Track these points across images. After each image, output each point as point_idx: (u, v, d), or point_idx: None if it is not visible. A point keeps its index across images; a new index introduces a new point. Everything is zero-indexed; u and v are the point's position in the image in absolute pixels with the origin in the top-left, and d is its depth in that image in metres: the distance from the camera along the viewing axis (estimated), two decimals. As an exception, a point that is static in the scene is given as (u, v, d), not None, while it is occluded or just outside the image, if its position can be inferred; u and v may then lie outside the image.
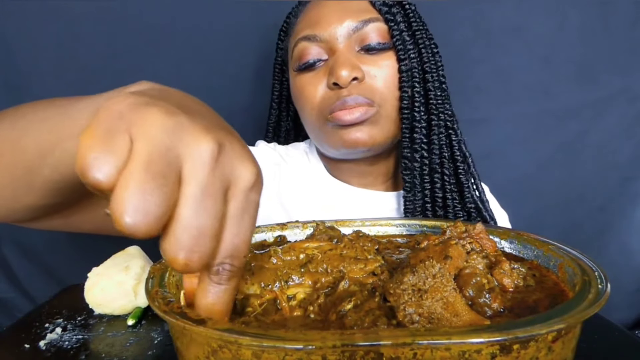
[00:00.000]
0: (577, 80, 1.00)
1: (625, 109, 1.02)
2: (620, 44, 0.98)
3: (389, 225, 0.53)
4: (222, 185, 0.25)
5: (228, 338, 0.25)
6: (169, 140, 0.24)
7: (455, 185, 0.68)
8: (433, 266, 0.32)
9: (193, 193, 0.24)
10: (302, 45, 0.66)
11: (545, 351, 0.26)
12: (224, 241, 0.26)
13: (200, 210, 0.24)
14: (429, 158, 0.67)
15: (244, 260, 0.27)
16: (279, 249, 0.42)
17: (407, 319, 0.30)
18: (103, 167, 0.22)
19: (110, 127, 0.23)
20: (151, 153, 0.23)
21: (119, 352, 0.40)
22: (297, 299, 0.37)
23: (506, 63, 0.98)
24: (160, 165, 0.23)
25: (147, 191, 0.22)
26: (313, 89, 0.66)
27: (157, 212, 0.23)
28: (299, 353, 0.24)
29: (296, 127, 0.82)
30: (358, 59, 0.64)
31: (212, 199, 0.25)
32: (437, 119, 0.67)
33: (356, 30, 0.64)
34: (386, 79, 0.64)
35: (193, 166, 0.24)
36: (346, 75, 0.61)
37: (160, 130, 0.24)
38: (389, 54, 0.65)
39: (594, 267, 0.34)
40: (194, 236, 0.24)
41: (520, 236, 0.45)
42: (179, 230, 0.24)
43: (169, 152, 0.24)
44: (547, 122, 1.01)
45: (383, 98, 0.64)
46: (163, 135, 0.24)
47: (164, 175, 0.23)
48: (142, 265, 0.51)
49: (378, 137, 0.65)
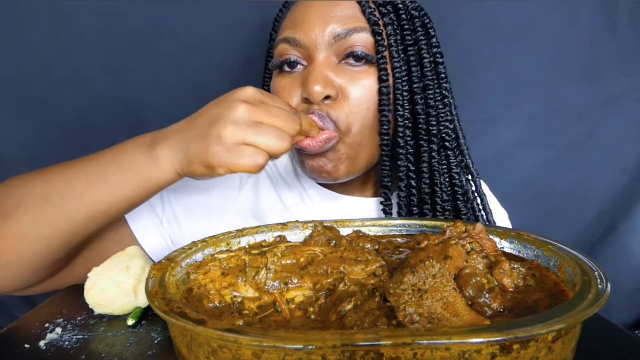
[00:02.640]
0: (584, 81, 0.99)
1: (633, 109, 1.01)
2: (627, 43, 0.98)
3: (389, 225, 0.53)
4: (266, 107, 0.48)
5: (228, 338, 0.25)
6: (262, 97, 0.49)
7: (451, 212, 0.63)
8: (433, 266, 0.32)
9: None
10: (281, 47, 0.62)
11: (545, 351, 0.26)
12: None
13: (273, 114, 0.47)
14: (418, 188, 0.62)
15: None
16: (278, 253, 0.42)
17: (407, 319, 0.30)
18: (257, 162, 0.46)
19: (236, 145, 0.45)
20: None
21: (119, 352, 0.40)
22: (296, 302, 0.37)
23: (513, 63, 0.98)
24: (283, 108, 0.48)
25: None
26: (287, 98, 0.61)
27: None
28: (299, 353, 0.24)
29: None
30: (336, 71, 0.58)
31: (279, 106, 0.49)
32: (428, 143, 0.61)
33: (338, 38, 0.58)
34: (363, 99, 0.58)
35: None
36: (318, 92, 0.56)
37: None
38: (371, 70, 0.59)
39: (594, 267, 0.34)
40: None
41: (520, 236, 0.45)
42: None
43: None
44: (554, 122, 1.01)
45: (350, 123, 0.58)
46: None
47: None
48: (142, 265, 0.51)
49: (343, 168, 0.60)
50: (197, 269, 0.41)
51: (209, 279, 0.39)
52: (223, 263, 0.41)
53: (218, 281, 0.39)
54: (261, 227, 0.50)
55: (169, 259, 0.41)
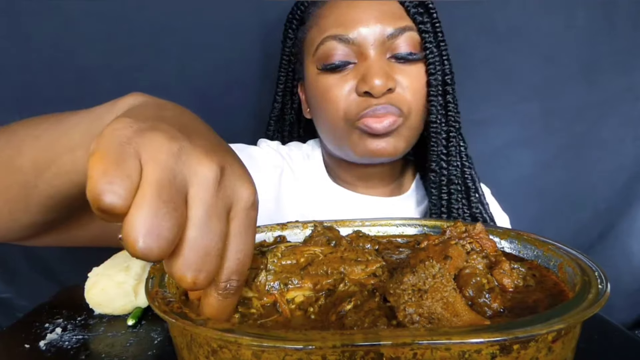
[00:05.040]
0: (581, 81, 0.99)
1: (629, 109, 1.01)
2: (624, 43, 0.98)
3: (388, 225, 0.53)
4: (224, 205, 0.27)
5: (228, 338, 0.25)
6: (176, 166, 0.25)
7: (464, 192, 0.70)
8: (433, 266, 0.32)
9: (199, 215, 0.25)
10: (330, 45, 0.63)
11: (545, 351, 0.26)
12: (229, 259, 0.27)
13: (206, 231, 0.25)
14: (447, 169, 0.68)
15: (246, 273, 0.29)
16: (278, 253, 0.42)
17: (407, 319, 0.30)
18: (118, 191, 0.23)
19: (121, 151, 0.24)
20: (161, 179, 0.24)
21: (119, 352, 0.40)
22: (296, 302, 0.37)
23: (510, 63, 0.98)
24: (170, 190, 0.24)
25: (160, 216, 0.23)
26: (339, 93, 0.64)
27: (169, 236, 0.23)
28: (299, 353, 0.24)
29: (299, 121, 0.81)
30: (389, 67, 0.63)
31: (216, 220, 0.26)
32: (455, 129, 0.68)
33: (390, 37, 0.62)
34: (415, 90, 0.64)
35: (198, 190, 0.25)
36: (380, 85, 0.60)
37: (167, 155, 0.25)
38: (418, 65, 0.65)
39: (594, 267, 0.34)
40: (200, 256, 0.25)
41: (520, 236, 0.45)
42: (187, 251, 0.25)
43: (176, 177, 0.25)
44: (551, 122, 1.01)
45: (411, 109, 0.64)
46: (170, 160, 0.25)
47: (173, 200, 0.24)
48: (142, 265, 0.51)
49: (401, 148, 0.66)
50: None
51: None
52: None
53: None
54: (261, 227, 0.50)
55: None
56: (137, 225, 0.23)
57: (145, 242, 0.23)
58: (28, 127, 0.43)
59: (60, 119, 0.41)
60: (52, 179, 0.40)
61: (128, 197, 0.23)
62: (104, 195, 0.22)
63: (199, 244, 0.25)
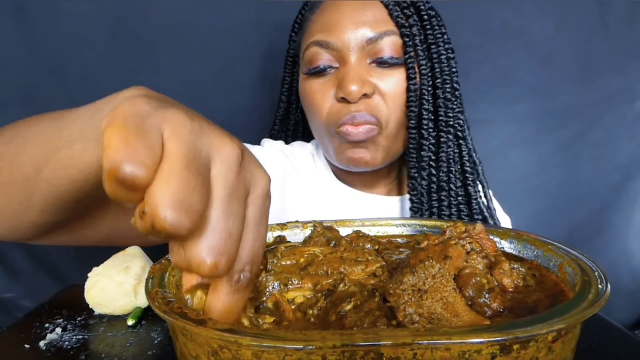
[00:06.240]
0: (577, 81, 1.00)
1: (625, 109, 1.02)
2: (619, 44, 0.98)
3: (388, 225, 0.53)
4: (244, 189, 0.26)
5: (228, 338, 0.25)
6: (199, 142, 0.24)
7: (463, 197, 0.68)
8: (433, 266, 0.32)
9: (222, 195, 0.24)
10: (313, 50, 0.64)
11: (545, 351, 0.26)
12: (244, 248, 0.26)
13: (228, 212, 0.24)
14: (437, 175, 0.66)
15: (259, 264, 0.27)
16: (278, 253, 0.42)
17: (407, 319, 0.30)
18: (142, 159, 0.21)
19: (142, 123, 0.22)
20: (188, 152, 0.23)
21: (119, 352, 0.40)
22: (296, 302, 0.37)
23: (506, 63, 0.98)
24: (196, 163, 0.23)
25: (191, 187, 0.22)
26: (321, 99, 0.64)
27: (199, 209, 0.22)
28: (299, 353, 0.24)
29: (304, 120, 0.80)
30: (368, 71, 0.62)
31: (238, 202, 0.25)
32: (446, 134, 0.66)
33: (370, 41, 0.62)
34: (394, 96, 0.63)
35: (221, 168, 0.24)
36: (355, 91, 0.60)
37: (190, 132, 0.24)
38: (399, 70, 0.64)
39: (593, 267, 0.34)
40: (223, 238, 0.24)
41: (520, 236, 0.45)
42: (209, 232, 0.23)
43: (200, 152, 0.24)
44: (547, 122, 1.01)
45: (388, 117, 0.63)
46: (193, 136, 0.24)
47: (200, 173, 0.23)
48: (142, 265, 0.51)
49: (379, 157, 0.65)
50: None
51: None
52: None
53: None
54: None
55: (169, 259, 0.41)
56: (166, 197, 0.21)
57: (176, 214, 0.21)
58: (30, 124, 0.42)
59: (61, 114, 0.40)
60: (51, 177, 0.39)
61: (152, 167, 0.21)
62: (125, 163, 0.21)
63: (221, 226, 0.23)
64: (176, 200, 0.21)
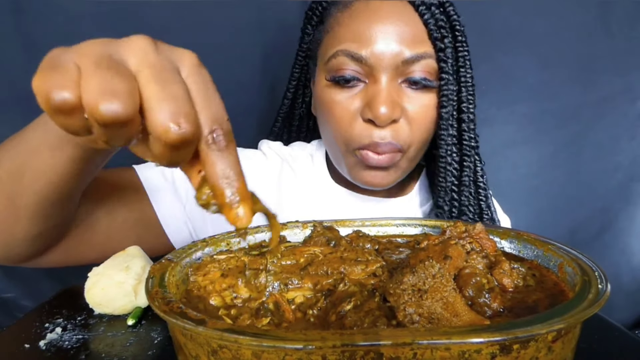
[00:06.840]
0: (577, 81, 1.00)
1: (626, 110, 1.02)
2: (620, 44, 0.98)
3: (388, 225, 0.53)
4: (171, 63, 0.27)
5: (228, 338, 0.25)
6: (108, 49, 0.26)
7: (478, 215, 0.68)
8: (433, 266, 0.32)
9: (150, 73, 0.26)
10: (341, 60, 0.59)
11: (545, 351, 0.26)
12: (202, 112, 0.27)
13: (163, 81, 0.26)
14: (459, 200, 0.65)
15: (228, 122, 0.29)
16: (278, 254, 0.42)
17: (407, 319, 0.30)
18: (60, 82, 0.24)
19: (55, 59, 0.26)
20: (95, 55, 0.25)
21: (119, 352, 0.40)
22: (296, 302, 0.37)
23: (506, 64, 0.98)
24: (108, 61, 0.25)
25: (107, 77, 0.24)
26: (343, 112, 0.60)
27: (125, 89, 0.24)
28: (299, 353, 0.24)
29: (308, 116, 0.78)
30: (398, 93, 0.59)
31: (169, 72, 0.27)
32: (469, 160, 0.64)
33: (406, 62, 0.58)
34: (421, 123, 0.61)
35: (137, 55, 0.27)
36: (385, 114, 0.56)
37: (97, 45, 0.27)
38: (430, 94, 0.60)
39: (594, 267, 0.34)
40: (170, 101, 0.25)
41: (520, 236, 0.45)
42: (155, 104, 0.25)
43: (112, 56, 0.26)
44: (548, 122, 1.01)
45: (411, 141, 0.61)
46: (101, 47, 0.26)
47: (115, 66, 0.25)
48: (142, 265, 0.51)
49: (395, 178, 0.64)
50: (196, 270, 0.40)
51: (208, 280, 0.39)
52: (222, 264, 0.41)
53: (218, 283, 0.39)
54: (261, 227, 0.50)
55: (169, 259, 0.41)
56: (91, 94, 0.24)
57: (107, 100, 0.24)
58: (4, 144, 0.46)
59: (25, 128, 0.44)
60: (32, 184, 0.43)
61: (72, 86, 0.24)
62: (52, 96, 0.24)
63: (162, 94, 0.25)
64: (100, 91, 0.24)
